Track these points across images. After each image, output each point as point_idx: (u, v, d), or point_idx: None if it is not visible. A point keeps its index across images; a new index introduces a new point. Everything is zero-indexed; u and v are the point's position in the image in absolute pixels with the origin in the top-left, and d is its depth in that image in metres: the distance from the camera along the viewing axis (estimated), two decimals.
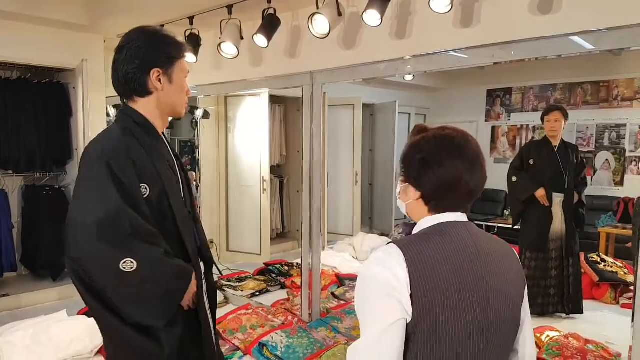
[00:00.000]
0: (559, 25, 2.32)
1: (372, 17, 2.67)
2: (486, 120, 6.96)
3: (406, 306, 0.97)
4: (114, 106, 4.51)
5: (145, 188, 1.41)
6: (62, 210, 4.06)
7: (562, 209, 3.59)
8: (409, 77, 5.22)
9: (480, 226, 5.89)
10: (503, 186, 6.42)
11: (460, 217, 1.10)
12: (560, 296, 3.60)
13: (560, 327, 3.24)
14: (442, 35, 2.74)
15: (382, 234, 5.86)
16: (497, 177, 6.81)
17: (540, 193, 3.59)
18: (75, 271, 1.35)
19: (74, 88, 4.39)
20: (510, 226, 4.08)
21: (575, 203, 3.61)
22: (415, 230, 1.11)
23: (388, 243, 1.06)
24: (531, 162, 3.74)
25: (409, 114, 7.13)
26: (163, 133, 1.61)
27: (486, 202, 6.75)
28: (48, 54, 4.07)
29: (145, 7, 3.62)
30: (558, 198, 3.62)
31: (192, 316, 1.55)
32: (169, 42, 1.51)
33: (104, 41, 4.30)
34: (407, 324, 0.98)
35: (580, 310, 3.58)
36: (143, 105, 1.51)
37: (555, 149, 3.64)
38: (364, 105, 5.97)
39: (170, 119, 1.63)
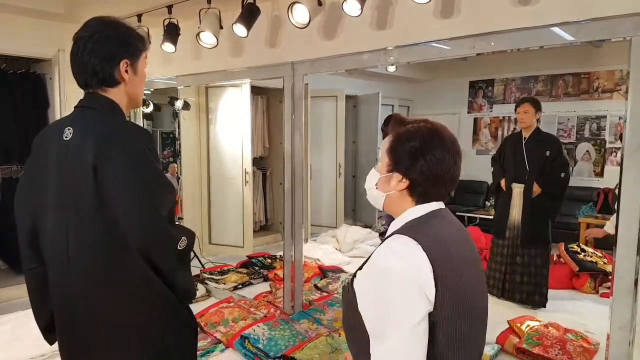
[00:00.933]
0: (539, 16, 2.32)
1: (352, 7, 2.64)
2: (468, 112, 6.99)
3: (430, 296, 0.97)
4: None
5: None
6: None
7: (522, 199, 3.66)
8: (391, 69, 5.18)
9: (461, 217, 5.98)
10: (484, 177, 6.53)
11: (443, 205, 1.15)
12: (520, 284, 3.69)
13: (540, 317, 3.29)
14: (422, 26, 2.73)
15: (366, 226, 5.87)
16: (478, 169, 6.91)
17: (502, 182, 3.76)
18: (144, 253, 1.38)
19: (50, 79, 4.30)
20: (492, 217, 4.14)
21: (540, 194, 3.64)
22: (401, 222, 1.11)
23: (389, 235, 1.07)
24: (505, 153, 3.86)
25: (392, 106, 7.12)
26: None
27: (468, 194, 6.80)
28: (23, 44, 3.97)
29: None
30: (518, 188, 3.71)
31: None
32: (135, 34, 1.53)
33: None
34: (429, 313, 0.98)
35: (542, 304, 3.62)
36: (114, 96, 1.49)
37: (524, 140, 3.69)
38: (347, 96, 5.96)
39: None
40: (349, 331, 1.20)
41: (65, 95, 4.04)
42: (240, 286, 4.13)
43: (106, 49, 1.44)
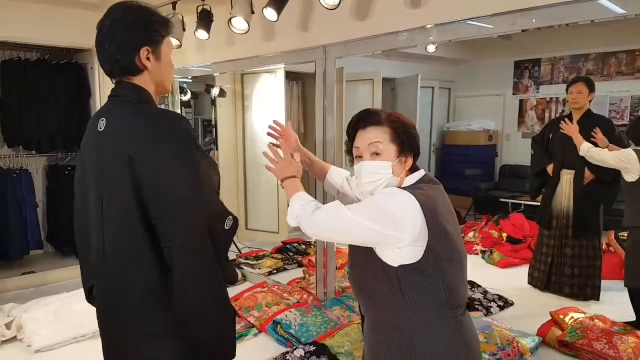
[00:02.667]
0: None
1: None
2: (513, 93, 6.71)
3: (416, 229, 1.24)
4: None
5: None
6: None
7: (573, 186, 3.44)
8: (431, 49, 5.01)
9: (505, 204, 5.76)
10: (530, 161, 6.28)
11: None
12: (570, 277, 3.49)
13: (587, 309, 3.14)
14: (460, 2, 2.59)
15: None
16: (524, 153, 6.63)
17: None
18: (210, 232, 1.39)
19: (91, 68, 4.42)
20: (538, 204, 3.94)
21: (592, 180, 3.39)
22: (405, 185, 1.37)
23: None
24: (551, 135, 3.62)
25: (432, 88, 6.92)
26: None
27: (512, 178, 6.55)
28: (64, 34, 4.09)
29: None
30: (567, 174, 3.49)
31: None
32: (156, 19, 1.44)
33: None
34: (427, 245, 1.26)
35: (595, 297, 3.43)
36: (140, 83, 1.44)
37: (574, 123, 3.46)
38: (384, 79, 5.79)
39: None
40: (364, 276, 1.39)
41: (105, 85, 4.15)
42: (275, 271, 4.16)
43: (125, 36, 1.39)
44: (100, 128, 1.42)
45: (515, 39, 5.55)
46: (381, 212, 1.26)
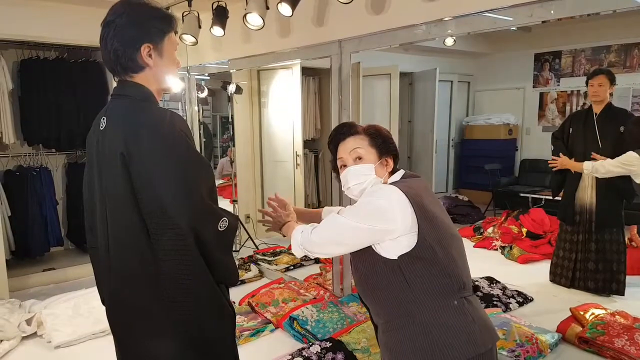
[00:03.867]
0: None
1: None
2: (534, 87, 6.59)
3: (407, 219, 1.33)
4: None
5: None
6: None
7: (595, 180, 3.35)
8: (449, 42, 4.95)
9: (525, 199, 5.67)
10: (551, 156, 6.15)
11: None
12: (594, 272, 3.41)
13: (609, 305, 3.07)
14: None
15: None
16: (545, 147, 6.51)
17: (563, 161, 3.42)
18: (194, 238, 1.37)
19: None
20: (559, 199, 3.86)
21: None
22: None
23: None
24: (571, 130, 3.54)
25: (451, 82, 6.85)
26: None
27: (533, 173, 6.45)
28: (83, 33, 4.11)
29: None
30: None
31: None
32: (158, 15, 1.43)
33: None
34: (418, 230, 1.33)
35: (620, 292, 3.34)
36: (141, 81, 1.43)
37: (596, 116, 3.38)
38: (402, 74, 5.74)
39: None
40: (369, 280, 1.44)
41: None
42: (292, 267, 4.16)
43: (127, 33, 1.37)
44: (101, 127, 1.42)
45: (535, 31, 5.45)
46: (369, 208, 1.35)
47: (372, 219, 1.33)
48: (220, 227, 1.42)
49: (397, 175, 1.49)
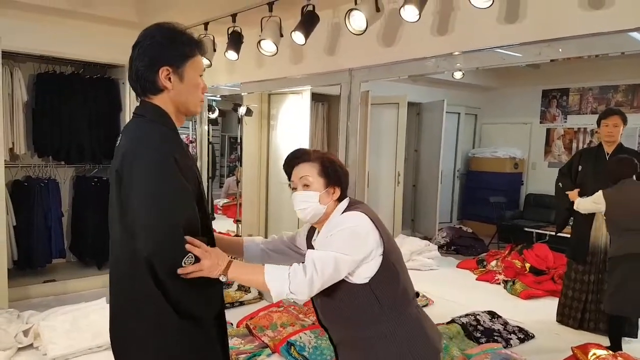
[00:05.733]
0: (612, 21, 2.14)
1: (410, 13, 2.57)
2: (541, 122, 6.62)
3: (375, 241, 1.45)
4: None
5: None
6: None
7: None
8: (458, 75, 5.02)
9: (529, 234, 5.64)
10: None
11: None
12: (605, 313, 3.31)
13: (623, 347, 3.04)
14: (486, 32, 2.60)
15: (425, 237, 5.67)
16: (550, 182, 6.48)
17: (572, 195, 3.39)
18: (147, 262, 1.34)
19: (123, 83, 4.54)
20: (565, 235, 3.83)
21: None
22: (336, 215, 1.54)
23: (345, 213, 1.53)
24: (579, 168, 3.51)
25: (458, 114, 6.90)
26: None
27: (538, 208, 6.41)
28: (99, 50, 4.23)
29: (190, 5, 3.69)
30: None
31: None
32: (181, 39, 1.44)
33: None
34: (383, 252, 1.45)
35: (633, 334, 3.27)
36: (159, 103, 1.45)
37: (608, 156, 3.38)
38: (410, 104, 5.82)
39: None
40: (336, 309, 1.52)
41: (137, 101, 4.26)
42: None
43: (148, 55, 1.41)
44: (117, 144, 1.47)
45: (544, 68, 5.52)
46: (351, 240, 1.43)
47: (357, 248, 1.42)
48: (184, 263, 1.34)
49: (345, 203, 1.57)
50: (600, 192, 3.10)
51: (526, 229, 5.77)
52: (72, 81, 4.52)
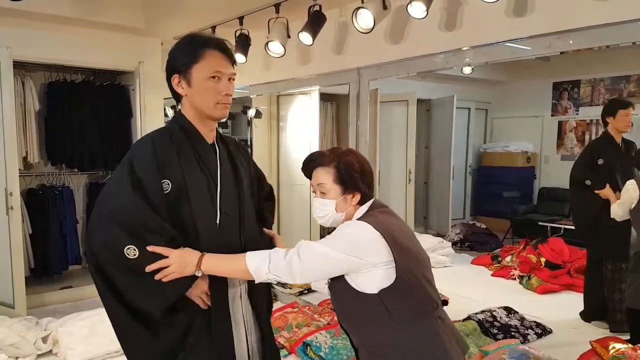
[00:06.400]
0: (622, 11, 2.12)
1: (417, 9, 2.57)
2: (552, 115, 6.55)
3: (382, 252, 1.38)
4: (172, 107, 4.65)
5: (168, 184, 1.45)
6: None
7: None
8: (467, 70, 4.99)
9: (543, 227, 5.59)
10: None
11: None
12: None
13: None
14: (494, 26, 2.59)
15: (438, 234, 5.65)
16: (564, 175, 6.39)
17: (607, 192, 3.19)
18: (91, 259, 1.46)
19: (133, 90, 4.57)
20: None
21: None
22: (356, 217, 1.48)
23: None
24: (600, 162, 3.33)
25: (469, 109, 6.85)
26: (222, 139, 1.64)
27: (551, 202, 6.35)
28: (108, 57, 4.27)
29: (198, 9, 3.70)
30: None
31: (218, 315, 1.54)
32: (186, 45, 1.51)
33: (162, 44, 4.45)
34: (395, 265, 1.38)
35: None
36: (184, 110, 1.55)
37: (621, 147, 3.33)
38: (419, 100, 5.78)
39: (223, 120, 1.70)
40: (350, 315, 1.49)
41: (146, 106, 4.30)
42: (306, 292, 4.14)
43: (166, 68, 1.54)
44: None
45: (554, 60, 5.46)
46: (348, 242, 1.39)
47: (352, 251, 1.38)
48: (127, 254, 1.38)
49: (365, 207, 1.52)
50: (633, 182, 2.86)
51: (540, 223, 5.72)
52: (83, 89, 4.56)
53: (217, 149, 1.59)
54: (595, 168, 3.38)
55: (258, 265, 1.41)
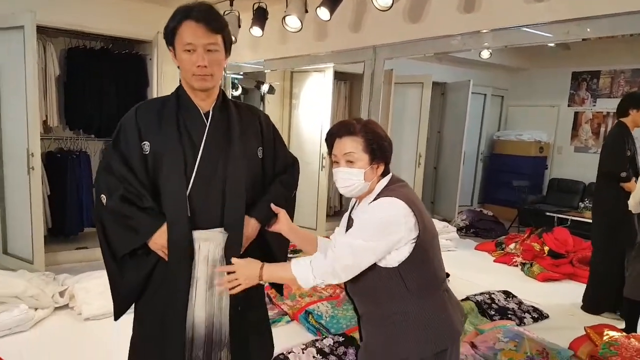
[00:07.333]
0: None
1: None
2: (569, 105, 6.50)
3: (411, 224, 1.40)
4: None
5: (148, 146, 1.61)
6: None
7: None
8: (485, 55, 4.95)
9: (551, 218, 5.60)
10: (581, 176, 6.05)
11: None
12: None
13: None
14: (513, 9, 2.58)
15: (444, 220, 5.68)
16: (576, 167, 6.37)
17: (632, 184, 3.18)
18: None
19: (150, 59, 4.63)
20: (587, 220, 3.72)
21: None
22: (375, 193, 1.50)
23: (381, 197, 1.46)
24: (628, 153, 3.31)
25: (485, 95, 6.81)
26: (228, 106, 1.72)
27: (561, 193, 6.34)
28: (127, 26, 4.33)
29: None
30: None
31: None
32: (171, 18, 1.57)
33: None
34: (417, 237, 1.41)
35: None
36: (181, 79, 1.66)
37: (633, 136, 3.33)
38: (435, 83, 5.76)
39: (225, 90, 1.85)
40: (364, 286, 1.50)
41: (162, 75, 4.37)
42: None
43: None
44: None
45: (575, 49, 5.40)
46: (377, 226, 1.41)
47: (384, 234, 1.40)
48: (102, 200, 1.61)
49: (386, 179, 1.53)
50: None
51: (548, 214, 5.73)
52: (102, 56, 4.62)
53: (209, 117, 1.65)
54: (626, 160, 3.34)
55: (304, 275, 1.45)
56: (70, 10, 4.05)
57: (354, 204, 1.63)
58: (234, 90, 5.01)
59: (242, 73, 4.94)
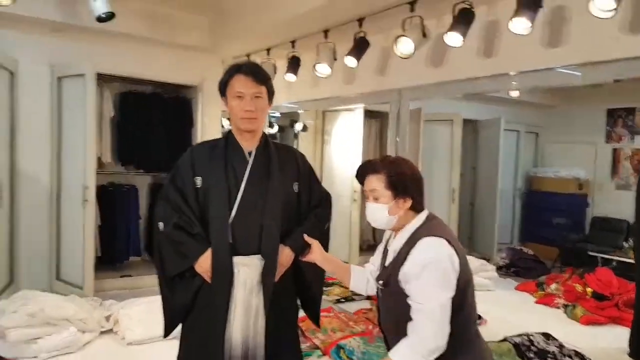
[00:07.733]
0: None
1: (453, 38, 2.75)
2: (606, 142, 6.38)
3: (457, 271, 1.45)
4: (227, 118, 5.03)
5: (200, 180, 1.86)
6: None
7: None
8: (514, 94, 5.01)
9: (594, 258, 5.43)
10: (625, 215, 5.88)
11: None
12: None
13: None
14: (529, 55, 2.68)
15: (483, 257, 5.56)
16: (618, 205, 6.20)
17: None
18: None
19: (195, 102, 5.00)
20: (631, 261, 3.62)
21: None
22: (411, 229, 1.56)
23: (423, 237, 1.50)
24: None
25: (518, 132, 6.78)
26: (268, 147, 1.98)
27: (604, 232, 6.13)
28: (175, 73, 4.72)
29: (256, 33, 4.05)
30: None
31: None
32: (225, 73, 1.92)
33: (222, 62, 4.86)
34: (457, 284, 1.45)
35: None
36: (231, 123, 1.98)
37: None
38: (466, 120, 5.82)
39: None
40: (396, 321, 1.55)
41: (206, 117, 4.73)
42: (343, 300, 4.29)
43: None
44: None
45: (608, 87, 5.38)
46: (444, 278, 1.45)
47: (447, 282, 1.44)
48: (159, 227, 1.88)
49: (423, 216, 1.59)
50: None
51: (590, 253, 5.54)
52: (152, 99, 5.03)
53: (252, 155, 1.92)
54: None
55: None
56: (124, 59, 4.48)
57: (390, 236, 1.70)
58: (270, 128, 5.30)
59: (278, 113, 5.23)
